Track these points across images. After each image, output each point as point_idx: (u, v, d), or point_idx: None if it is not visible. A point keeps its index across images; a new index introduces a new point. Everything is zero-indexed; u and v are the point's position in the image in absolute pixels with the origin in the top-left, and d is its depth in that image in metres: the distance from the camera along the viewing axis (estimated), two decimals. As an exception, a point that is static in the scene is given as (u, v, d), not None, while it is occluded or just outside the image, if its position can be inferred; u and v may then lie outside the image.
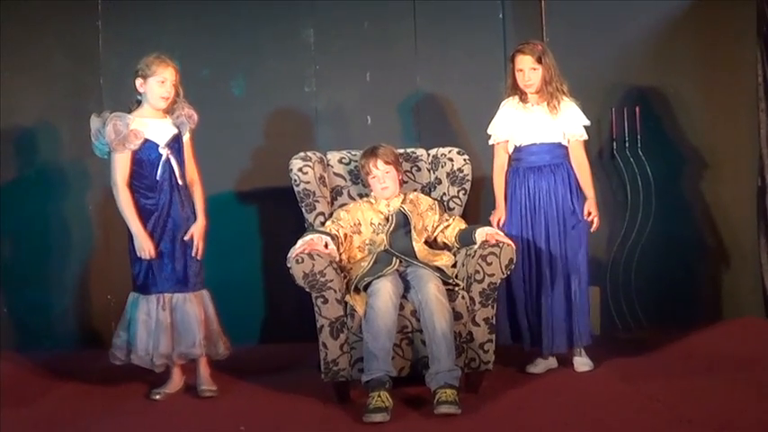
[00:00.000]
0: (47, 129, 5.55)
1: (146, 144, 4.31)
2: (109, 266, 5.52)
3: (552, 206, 4.62)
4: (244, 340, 5.01)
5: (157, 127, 4.36)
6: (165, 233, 4.34)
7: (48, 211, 5.52)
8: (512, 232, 4.62)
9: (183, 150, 4.42)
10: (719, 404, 3.87)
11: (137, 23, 5.57)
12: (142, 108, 4.39)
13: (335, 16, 5.65)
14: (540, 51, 4.59)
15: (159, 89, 4.33)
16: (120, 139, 4.26)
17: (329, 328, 4.13)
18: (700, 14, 5.68)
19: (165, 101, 4.36)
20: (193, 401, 4.33)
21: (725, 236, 5.68)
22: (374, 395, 3.89)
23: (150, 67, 4.33)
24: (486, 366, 4.23)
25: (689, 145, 5.67)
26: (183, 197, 4.39)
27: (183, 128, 4.40)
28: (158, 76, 4.32)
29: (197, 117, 4.44)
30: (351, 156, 4.85)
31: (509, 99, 4.70)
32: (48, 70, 5.59)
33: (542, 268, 4.61)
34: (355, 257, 4.46)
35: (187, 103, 4.44)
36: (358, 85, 5.65)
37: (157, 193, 4.33)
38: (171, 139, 4.37)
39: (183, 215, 4.37)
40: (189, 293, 4.35)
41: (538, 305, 4.63)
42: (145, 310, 4.32)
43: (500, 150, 4.73)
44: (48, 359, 5.15)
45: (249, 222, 5.49)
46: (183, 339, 4.32)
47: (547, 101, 4.62)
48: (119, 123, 4.26)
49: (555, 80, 4.61)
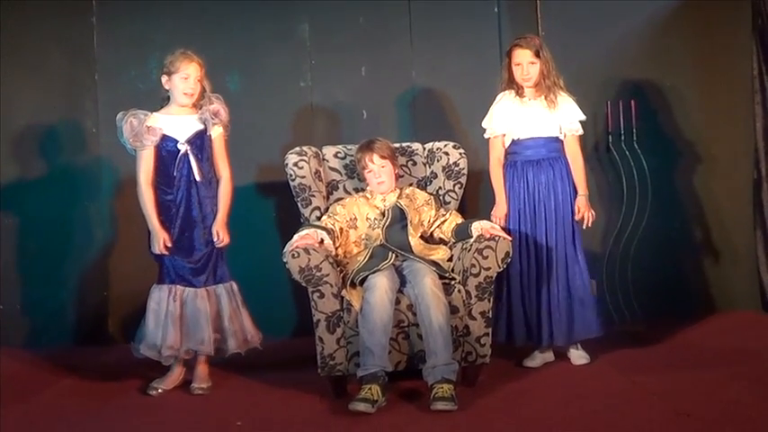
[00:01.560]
0: (42, 127, 5.54)
1: (165, 140, 4.35)
2: (107, 263, 5.54)
3: (551, 200, 4.62)
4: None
5: (180, 123, 4.39)
6: (181, 229, 4.37)
7: (45, 208, 5.51)
8: (509, 225, 4.63)
9: (208, 146, 4.42)
10: (717, 397, 3.87)
11: (131, 20, 5.58)
12: (169, 105, 4.43)
13: (331, 11, 5.65)
14: (537, 45, 4.59)
15: (182, 85, 4.37)
16: (135, 136, 4.31)
17: (326, 323, 4.13)
18: (695, 8, 5.68)
19: (188, 97, 4.38)
20: (190, 397, 4.34)
21: (721, 229, 5.69)
22: (365, 387, 3.91)
23: (174, 63, 4.37)
24: (482, 360, 4.24)
25: (684, 138, 5.67)
26: (202, 193, 4.39)
27: (209, 124, 4.41)
28: (182, 73, 4.36)
29: (225, 112, 4.45)
30: (346, 150, 4.85)
31: (505, 93, 4.70)
32: (43, 68, 5.58)
33: (542, 261, 4.61)
34: (351, 252, 4.46)
35: (217, 97, 4.46)
36: (354, 80, 5.65)
37: (175, 188, 4.36)
38: (193, 135, 4.38)
39: (200, 212, 4.38)
40: (201, 289, 4.37)
41: (538, 299, 4.62)
42: (156, 299, 4.36)
43: (497, 144, 4.72)
44: (46, 355, 5.16)
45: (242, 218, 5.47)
46: (192, 335, 4.34)
47: (544, 95, 4.62)
48: (133, 120, 4.32)
49: (552, 74, 4.61)
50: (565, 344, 4.65)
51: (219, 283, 4.43)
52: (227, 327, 4.40)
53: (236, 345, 4.42)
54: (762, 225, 5.54)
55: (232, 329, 4.40)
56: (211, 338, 4.34)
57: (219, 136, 4.46)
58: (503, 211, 4.68)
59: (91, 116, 5.56)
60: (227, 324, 4.41)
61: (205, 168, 4.40)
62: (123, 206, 5.34)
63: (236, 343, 4.41)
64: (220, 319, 4.41)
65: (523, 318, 4.64)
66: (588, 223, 4.65)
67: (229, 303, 4.43)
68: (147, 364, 4.46)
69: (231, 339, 4.40)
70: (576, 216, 4.62)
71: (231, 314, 4.42)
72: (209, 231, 4.40)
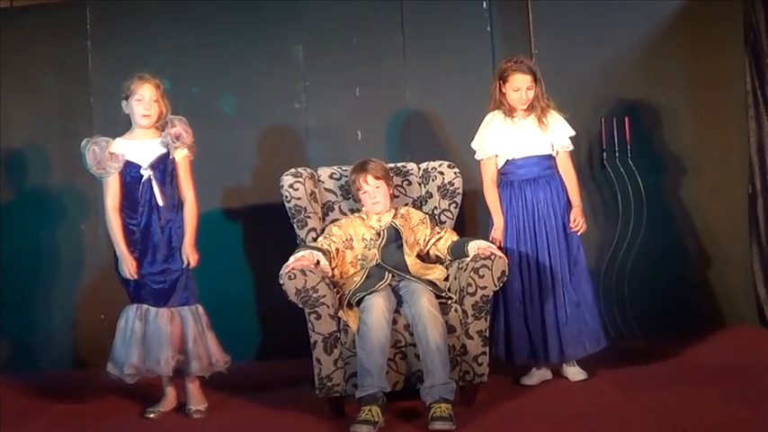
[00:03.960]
0: (37, 150, 5.55)
1: (129, 166, 4.35)
2: (102, 286, 5.50)
3: (551, 216, 4.64)
4: (238, 357, 4.99)
5: (142, 148, 4.38)
6: (145, 254, 4.36)
7: (39, 231, 5.52)
8: (507, 244, 4.64)
9: (171, 170, 4.40)
10: (714, 414, 3.86)
11: (126, 43, 5.59)
12: (132, 130, 4.42)
13: (324, 33, 5.67)
14: (534, 69, 4.63)
15: (138, 107, 4.36)
16: (98, 163, 4.32)
17: (323, 344, 4.13)
18: (688, 24, 5.70)
19: (145, 118, 4.37)
20: (187, 419, 4.33)
21: (716, 244, 5.69)
22: (365, 409, 3.90)
23: (129, 87, 4.37)
24: (480, 379, 4.23)
25: (678, 154, 5.68)
26: (165, 217, 4.37)
27: (171, 147, 4.39)
28: (136, 95, 4.35)
29: (185, 135, 4.40)
30: (341, 171, 4.86)
31: (495, 113, 4.71)
32: (38, 91, 5.61)
33: (546, 278, 4.62)
34: (348, 273, 4.46)
35: (180, 119, 4.43)
36: (348, 101, 5.67)
37: (138, 214, 4.36)
38: (156, 160, 4.37)
39: (161, 236, 4.37)
40: (164, 309, 4.34)
41: (542, 316, 4.62)
42: (124, 318, 4.37)
43: (490, 165, 4.73)
44: (42, 380, 5.16)
45: (239, 240, 5.48)
46: (151, 354, 4.30)
47: (536, 115, 4.64)
48: (95, 148, 4.33)
49: (544, 95, 4.65)
50: (576, 358, 4.65)
51: (185, 305, 4.39)
52: (190, 349, 4.35)
53: (200, 367, 4.37)
54: (757, 239, 5.54)
55: (196, 352, 4.35)
56: (170, 359, 4.29)
57: (183, 158, 4.43)
58: (501, 232, 4.69)
59: (85, 139, 5.57)
60: (190, 346, 4.36)
61: (168, 192, 4.39)
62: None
63: (199, 366, 4.36)
64: (185, 341, 4.36)
65: (527, 336, 4.63)
66: (580, 231, 4.67)
67: (194, 326, 4.38)
68: (143, 387, 4.45)
69: (195, 362, 4.35)
70: (571, 225, 4.63)
71: (195, 336, 4.37)
72: (174, 255, 4.38)
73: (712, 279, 5.70)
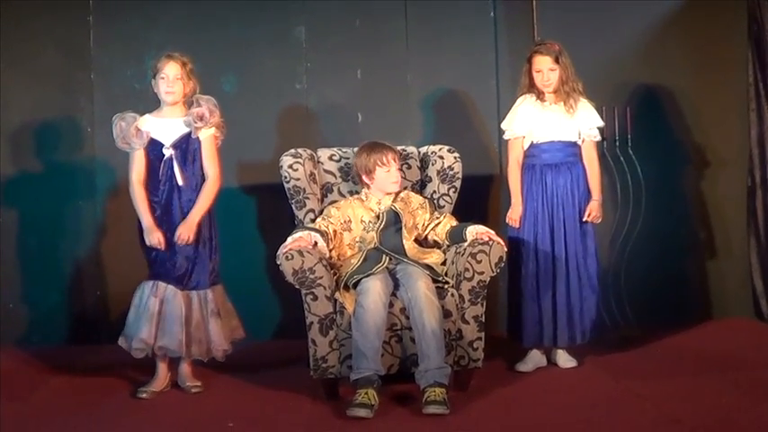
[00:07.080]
0: (36, 125, 5.53)
1: (153, 144, 4.37)
2: (100, 262, 5.54)
3: (570, 203, 4.66)
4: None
5: (168, 126, 4.39)
6: (162, 231, 4.34)
7: (39, 206, 5.50)
8: (524, 227, 4.67)
9: (194, 150, 4.40)
10: (708, 404, 3.88)
11: (128, 19, 5.57)
12: (160, 107, 4.45)
13: (327, 14, 5.65)
14: (557, 51, 4.63)
15: (162, 85, 4.38)
16: (123, 138, 4.35)
17: (318, 325, 4.13)
18: (691, 15, 5.69)
19: (169, 95, 4.37)
20: (181, 397, 4.34)
21: (715, 235, 5.70)
22: (361, 392, 3.91)
23: (156, 65, 4.40)
24: (475, 364, 4.24)
25: (680, 144, 5.69)
26: (185, 198, 4.38)
27: (193, 127, 4.39)
28: (161, 73, 4.37)
29: (209, 114, 4.39)
30: (341, 153, 4.85)
31: (526, 96, 4.71)
32: (39, 66, 5.57)
33: (560, 263, 4.64)
34: (345, 255, 4.46)
35: (207, 99, 4.44)
36: (349, 83, 5.65)
37: (159, 192, 4.37)
38: (179, 139, 4.38)
39: (181, 216, 4.37)
40: (180, 291, 4.35)
41: (554, 300, 4.64)
42: (139, 294, 4.38)
43: (516, 145, 4.73)
44: (40, 353, 5.16)
45: (237, 220, 5.46)
46: (165, 334, 4.31)
47: (563, 100, 4.65)
48: (122, 123, 4.36)
49: (571, 79, 4.65)
50: (581, 343, 4.68)
51: (195, 289, 4.40)
52: (192, 333, 4.37)
53: (198, 352, 4.39)
54: (755, 232, 5.54)
55: (197, 337, 4.37)
56: (183, 341, 4.31)
57: (208, 138, 4.43)
58: (518, 213, 4.69)
59: (86, 115, 5.55)
60: (192, 330, 4.37)
61: (188, 172, 4.39)
62: (118, 205, 5.32)
63: (198, 350, 4.38)
64: (188, 323, 4.38)
65: (538, 318, 4.65)
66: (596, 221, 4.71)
67: (199, 310, 4.39)
68: (140, 362, 4.45)
69: (194, 346, 4.37)
70: (586, 216, 4.65)
71: (198, 322, 4.38)
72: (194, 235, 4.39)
73: (709, 270, 5.71)
